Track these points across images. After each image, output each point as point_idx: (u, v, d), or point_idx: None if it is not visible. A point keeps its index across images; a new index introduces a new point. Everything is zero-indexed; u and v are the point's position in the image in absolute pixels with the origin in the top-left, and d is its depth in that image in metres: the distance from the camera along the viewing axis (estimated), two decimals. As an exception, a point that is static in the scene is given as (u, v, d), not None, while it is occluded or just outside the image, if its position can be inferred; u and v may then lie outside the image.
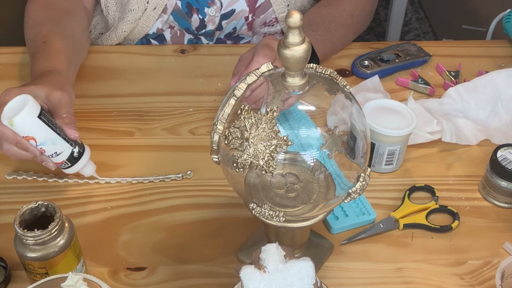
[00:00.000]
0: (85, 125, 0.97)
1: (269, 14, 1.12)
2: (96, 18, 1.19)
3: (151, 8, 1.08)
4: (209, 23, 1.10)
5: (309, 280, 0.55)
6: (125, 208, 0.85)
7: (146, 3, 1.07)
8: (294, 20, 0.58)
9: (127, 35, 1.12)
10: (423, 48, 1.10)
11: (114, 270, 0.77)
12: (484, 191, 0.87)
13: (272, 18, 1.13)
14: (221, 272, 0.77)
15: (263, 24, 1.14)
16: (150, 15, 1.09)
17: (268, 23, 1.14)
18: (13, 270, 0.76)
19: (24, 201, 0.73)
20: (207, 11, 1.09)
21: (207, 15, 1.09)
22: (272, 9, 1.11)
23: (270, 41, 0.89)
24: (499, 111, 0.97)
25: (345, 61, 1.09)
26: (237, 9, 1.10)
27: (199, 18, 1.10)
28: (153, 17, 1.09)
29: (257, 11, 1.11)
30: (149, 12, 1.08)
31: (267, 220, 0.66)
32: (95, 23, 1.19)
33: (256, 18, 1.12)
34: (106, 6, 1.13)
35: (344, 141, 0.66)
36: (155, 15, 1.09)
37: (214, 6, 1.08)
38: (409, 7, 2.62)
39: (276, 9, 1.12)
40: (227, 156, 0.66)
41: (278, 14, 1.12)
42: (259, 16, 1.12)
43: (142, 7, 1.08)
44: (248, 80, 0.65)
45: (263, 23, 1.14)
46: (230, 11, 1.10)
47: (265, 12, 1.12)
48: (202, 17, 1.10)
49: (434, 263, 0.79)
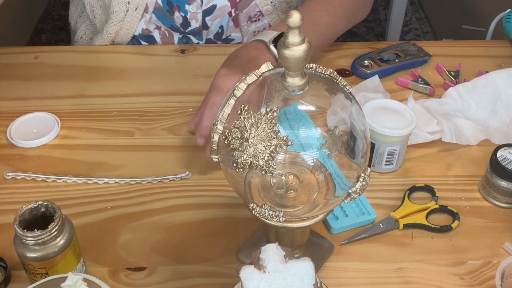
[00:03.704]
0: (85, 125, 0.97)
1: (252, 8, 1.11)
2: (85, 24, 1.20)
3: (132, 9, 1.08)
4: (192, 20, 1.10)
5: (309, 280, 0.55)
6: (125, 208, 0.85)
7: (127, 4, 1.07)
8: (294, 20, 0.58)
9: (114, 38, 1.12)
10: (423, 48, 1.10)
11: (114, 270, 0.77)
12: (484, 191, 0.87)
13: (256, 12, 1.12)
14: (221, 272, 0.77)
15: (249, 20, 1.13)
16: (133, 15, 1.09)
17: (253, 17, 1.13)
18: (13, 270, 0.76)
19: (24, 201, 0.73)
20: (188, 8, 1.09)
21: (188, 12, 1.09)
22: (255, 2, 1.10)
23: (219, 81, 0.86)
24: (499, 111, 0.97)
25: (345, 61, 1.09)
26: (218, 5, 1.09)
27: (181, 15, 1.10)
28: (135, 17, 1.09)
29: (239, 6, 1.10)
30: (131, 12, 1.08)
31: (267, 220, 0.66)
32: (84, 29, 1.20)
33: (240, 13, 1.11)
34: (91, 11, 1.13)
35: (344, 141, 0.66)
36: (137, 15, 1.09)
37: (194, 3, 1.08)
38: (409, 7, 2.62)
39: (258, 3, 1.10)
40: (227, 156, 0.66)
41: (262, 8, 1.11)
42: (242, 10, 1.11)
43: (124, 8, 1.08)
44: (248, 80, 0.65)
45: (248, 18, 1.13)
46: (212, 7, 1.09)
47: (248, 6, 1.11)
48: (184, 15, 1.09)
49: (434, 263, 0.79)
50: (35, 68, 1.08)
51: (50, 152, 0.93)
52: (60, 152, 0.93)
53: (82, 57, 1.11)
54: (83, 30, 1.20)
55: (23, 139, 0.93)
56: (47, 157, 0.92)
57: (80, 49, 1.16)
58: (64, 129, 0.96)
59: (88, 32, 1.20)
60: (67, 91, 1.03)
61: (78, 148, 0.93)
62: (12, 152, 0.92)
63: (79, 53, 1.12)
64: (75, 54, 1.12)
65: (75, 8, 1.26)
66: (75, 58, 1.11)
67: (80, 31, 1.23)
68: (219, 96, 0.84)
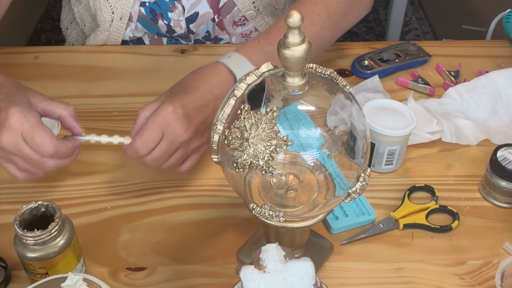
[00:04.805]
0: (85, 125, 0.96)
1: (235, 13, 1.10)
2: (75, 30, 1.20)
3: (117, 18, 1.08)
4: (176, 27, 1.10)
5: (309, 280, 0.55)
6: (125, 208, 0.85)
7: (111, 14, 1.07)
8: (294, 20, 0.58)
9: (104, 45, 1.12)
10: (423, 48, 1.10)
11: (114, 270, 0.77)
12: (484, 191, 0.87)
13: (240, 17, 1.11)
14: (221, 272, 0.77)
15: (234, 24, 1.12)
16: (118, 25, 1.08)
17: (238, 22, 1.12)
18: (13, 270, 0.76)
19: (24, 201, 0.73)
20: (170, 15, 1.08)
21: (171, 19, 1.08)
22: (238, 8, 1.09)
23: (163, 113, 0.77)
24: (499, 111, 0.97)
25: (345, 61, 1.09)
26: (201, 12, 1.08)
27: (165, 23, 1.09)
28: (121, 26, 1.09)
29: (222, 12, 1.09)
30: (116, 22, 1.08)
31: (267, 220, 0.66)
32: (75, 35, 1.20)
33: (223, 18, 1.10)
34: (81, 19, 1.14)
35: (344, 141, 0.66)
36: (122, 24, 1.09)
37: (176, 10, 1.07)
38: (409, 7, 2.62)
39: (241, 8, 1.09)
40: (227, 156, 0.66)
41: (245, 12, 1.10)
42: (225, 16, 1.10)
43: (109, 18, 1.08)
44: (248, 80, 0.65)
45: (233, 22, 1.12)
46: (194, 14, 1.08)
47: (231, 11, 1.09)
48: (168, 22, 1.09)
49: (434, 263, 0.79)
50: (35, 68, 1.08)
51: (50, 152, 0.93)
52: (60, 152, 0.93)
53: (82, 57, 1.11)
54: (74, 37, 1.21)
55: (23, 139, 0.93)
56: (47, 157, 0.92)
57: (80, 49, 1.16)
58: (64, 129, 0.96)
59: (79, 39, 1.21)
60: (67, 91, 1.03)
61: (78, 148, 0.93)
62: (12, 152, 0.92)
63: (79, 53, 1.12)
64: (75, 54, 1.12)
65: (65, 15, 1.26)
66: (75, 58, 1.11)
67: (71, 37, 1.23)
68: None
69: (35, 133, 0.73)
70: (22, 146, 0.73)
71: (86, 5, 1.12)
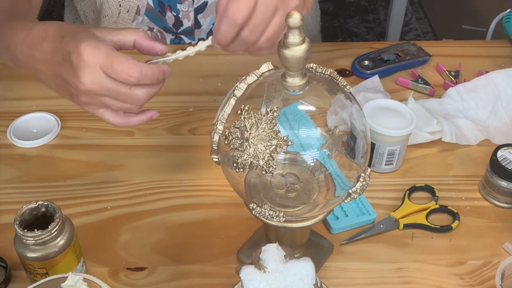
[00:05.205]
0: (85, 125, 0.97)
1: None
2: None
3: (124, 11, 1.08)
4: (184, 19, 1.10)
5: (309, 280, 0.55)
6: (125, 208, 0.85)
7: (118, 6, 1.07)
8: (294, 20, 0.58)
9: None
10: (423, 48, 1.10)
11: (114, 270, 0.77)
12: (484, 191, 0.87)
13: None
14: (221, 272, 0.77)
15: None
16: (125, 17, 1.09)
17: None
18: (13, 270, 0.76)
19: (24, 201, 0.73)
20: (179, 7, 1.09)
21: (180, 11, 1.09)
22: None
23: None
24: (499, 111, 0.97)
25: (345, 61, 1.09)
26: (210, 1, 1.09)
27: (173, 15, 1.09)
28: (128, 19, 1.09)
29: None
30: (123, 15, 1.08)
31: (267, 220, 0.66)
32: None
33: None
34: (85, 17, 1.14)
35: (344, 141, 0.66)
36: (129, 17, 1.09)
37: (186, 2, 1.08)
38: (409, 7, 2.62)
39: None
40: (227, 156, 0.66)
41: None
42: None
43: (116, 11, 1.08)
44: (248, 80, 0.65)
45: None
46: (203, 4, 1.09)
47: None
48: (176, 14, 1.09)
49: (434, 263, 0.79)
50: (35, 68, 1.08)
51: (50, 152, 0.93)
52: (60, 152, 0.93)
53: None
54: None
55: (23, 139, 0.93)
56: (47, 157, 0.92)
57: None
58: (64, 129, 0.96)
59: None
60: (67, 91, 1.03)
61: (78, 148, 0.93)
62: (12, 152, 0.92)
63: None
64: (75, 54, 1.12)
65: (68, 14, 1.26)
66: (75, 58, 1.10)
67: None
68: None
69: (113, 61, 0.67)
70: (106, 81, 0.68)
71: (89, 1, 1.13)
